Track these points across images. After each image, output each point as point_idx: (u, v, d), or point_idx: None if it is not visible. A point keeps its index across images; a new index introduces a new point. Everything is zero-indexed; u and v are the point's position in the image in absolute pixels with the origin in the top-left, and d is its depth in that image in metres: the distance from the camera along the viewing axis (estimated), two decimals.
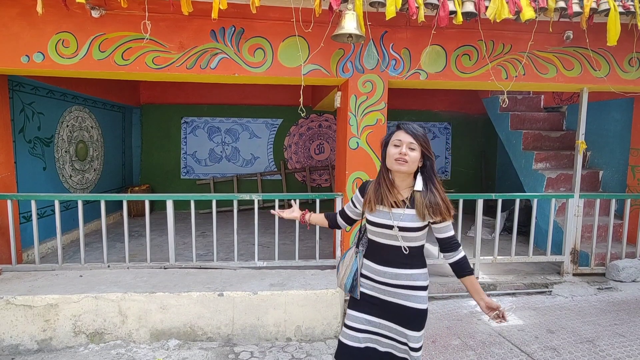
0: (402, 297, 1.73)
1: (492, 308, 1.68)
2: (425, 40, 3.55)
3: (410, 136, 1.67)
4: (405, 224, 1.69)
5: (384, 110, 3.68)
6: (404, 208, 1.71)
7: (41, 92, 4.66)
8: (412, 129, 1.68)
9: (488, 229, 5.76)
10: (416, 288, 1.73)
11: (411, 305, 1.72)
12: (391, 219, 1.70)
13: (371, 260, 1.80)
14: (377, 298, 1.77)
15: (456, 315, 3.49)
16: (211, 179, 7.46)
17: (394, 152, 1.69)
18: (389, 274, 1.73)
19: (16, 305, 2.87)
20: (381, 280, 1.75)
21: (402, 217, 1.69)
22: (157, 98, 7.35)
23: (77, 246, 4.09)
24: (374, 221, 1.74)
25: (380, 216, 1.73)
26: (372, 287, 1.79)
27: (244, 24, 3.43)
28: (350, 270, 1.85)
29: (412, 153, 1.67)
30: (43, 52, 3.28)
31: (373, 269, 1.78)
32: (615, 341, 3.05)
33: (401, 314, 1.73)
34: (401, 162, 1.67)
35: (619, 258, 4.31)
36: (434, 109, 7.92)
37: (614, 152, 5.02)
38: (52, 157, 4.90)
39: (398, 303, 1.73)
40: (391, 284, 1.74)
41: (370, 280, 1.80)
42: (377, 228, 1.74)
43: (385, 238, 1.74)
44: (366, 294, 1.81)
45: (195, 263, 3.67)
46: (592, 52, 3.78)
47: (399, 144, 1.68)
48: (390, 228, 1.70)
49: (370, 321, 1.79)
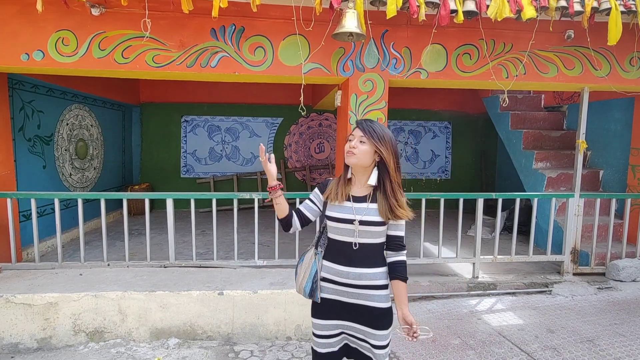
0: (365, 298, 1.71)
1: (407, 322, 1.65)
2: (426, 39, 3.54)
3: (360, 130, 1.70)
4: (368, 217, 1.68)
5: (384, 109, 3.68)
6: (367, 202, 1.71)
7: (41, 90, 4.65)
8: (364, 124, 1.71)
9: (488, 228, 5.76)
10: (378, 287, 1.71)
11: (375, 305, 1.70)
12: (353, 213, 1.69)
13: (332, 261, 1.76)
14: (340, 302, 1.74)
15: (456, 315, 3.49)
16: (211, 178, 7.46)
17: (345, 146, 1.73)
18: (353, 274, 1.70)
19: (16, 304, 2.86)
20: (344, 281, 1.71)
21: (366, 212, 1.69)
22: (157, 96, 7.34)
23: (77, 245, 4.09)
24: (336, 216, 1.72)
25: (343, 211, 1.71)
26: (333, 291, 1.75)
27: (245, 22, 3.42)
28: (309, 274, 1.79)
29: (361, 146, 1.68)
30: (43, 50, 3.28)
31: (335, 270, 1.74)
32: (616, 341, 3.05)
33: (366, 315, 1.71)
34: (350, 154, 1.69)
35: (619, 258, 4.31)
36: (434, 108, 7.92)
37: (615, 151, 5.02)
38: (52, 155, 4.90)
39: (361, 304, 1.71)
40: (355, 285, 1.70)
41: (332, 283, 1.75)
42: (339, 224, 1.71)
43: (347, 235, 1.70)
44: (328, 299, 1.76)
45: (195, 262, 3.66)
46: (593, 51, 3.78)
47: (352, 139, 1.72)
48: (352, 222, 1.68)
49: (338, 325, 1.77)
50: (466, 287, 3.93)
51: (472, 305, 3.70)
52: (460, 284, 3.94)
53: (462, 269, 4.23)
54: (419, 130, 8.02)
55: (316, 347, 1.81)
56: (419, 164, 8.05)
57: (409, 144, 8.01)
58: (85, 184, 5.74)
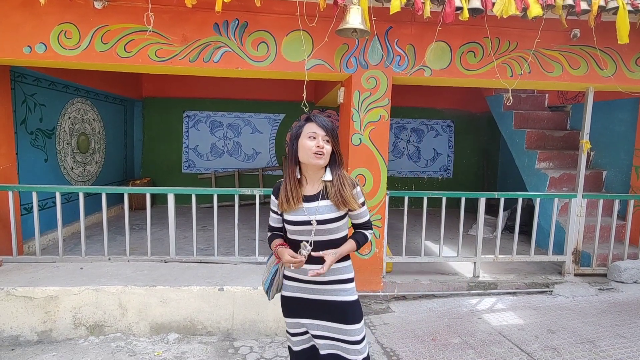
0: (330, 293, 1.71)
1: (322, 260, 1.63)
2: (431, 36, 3.51)
3: (323, 129, 1.66)
4: (323, 216, 1.66)
5: (387, 107, 3.66)
6: (317, 201, 1.68)
7: (43, 83, 4.64)
8: (323, 122, 1.67)
9: (489, 227, 5.75)
10: (343, 281, 1.72)
11: (341, 299, 1.71)
12: (306, 214, 1.66)
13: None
14: (306, 299, 1.74)
15: (456, 314, 3.48)
16: (212, 174, 7.45)
17: (310, 144, 1.64)
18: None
19: (16, 297, 2.87)
20: (308, 279, 1.70)
21: (318, 210, 1.67)
22: (160, 91, 7.33)
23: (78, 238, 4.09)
24: (293, 220, 1.69)
25: (297, 213, 1.68)
26: (298, 289, 1.75)
27: (248, 17, 3.40)
28: (270, 272, 1.82)
29: (327, 146, 1.66)
30: (45, 43, 3.26)
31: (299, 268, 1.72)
32: (616, 342, 3.04)
33: (334, 310, 1.71)
34: (319, 155, 1.64)
35: (621, 259, 4.29)
36: (437, 107, 7.89)
37: (618, 152, 4.99)
38: (53, 149, 4.90)
39: (327, 300, 1.71)
40: (319, 282, 1.70)
41: (296, 282, 1.75)
42: (297, 226, 1.69)
43: (305, 235, 1.69)
44: (293, 297, 1.76)
45: (196, 257, 3.66)
46: (599, 50, 3.74)
47: (315, 136, 1.65)
48: (309, 224, 1.67)
49: (305, 324, 1.77)
50: (467, 286, 3.93)
51: (473, 304, 3.70)
52: (461, 283, 3.93)
53: (463, 268, 4.22)
54: (421, 128, 8.00)
55: (292, 346, 1.85)
56: (421, 162, 8.03)
57: (411, 142, 7.99)
58: (87, 178, 5.74)
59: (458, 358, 2.79)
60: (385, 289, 3.81)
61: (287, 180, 1.72)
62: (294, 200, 1.67)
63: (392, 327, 3.23)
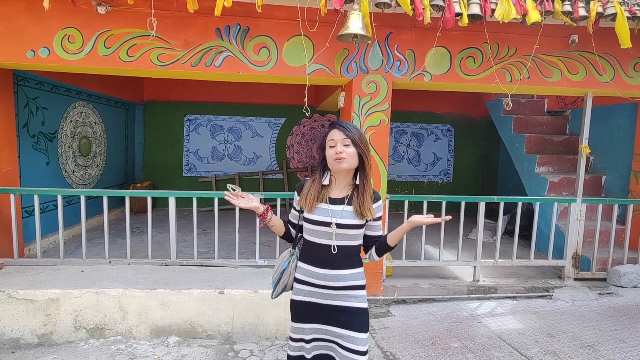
0: (342, 299, 1.69)
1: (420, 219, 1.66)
2: (430, 41, 3.54)
3: (341, 132, 1.65)
4: (344, 220, 1.66)
5: (387, 111, 3.68)
6: (343, 205, 1.69)
7: (45, 87, 4.67)
8: (343, 126, 1.67)
9: (489, 232, 5.76)
10: (356, 288, 1.71)
11: (352, 305, 1.69)
12: (329, 216, 1.67)
13: (309, 263, 1.74)
14: (316, 304, 1.72)
15: (456, 318, 3.48)
16: (213, 177, 7.47)
17: (331, 152, 1.67)
18: (330, 276, 1.69)
19: (17, 299, 2.88)
20: (321, 283, 1.70)
21: (342, 214, 1.67)
22: (161, 95, 7.36)
23: (79, 241, 4.10)
24: (313, 219, 1.69)
25: (319, 213, 1.69)
26: (309, 293, 1.73)
27: (249, 22, 3.43)
28: (278, 270, 1.82)
29: (347, 149, 1.65)
30: (49, 47, 3.29)
31: (311, 272, 1.72)
32: (616, 347, 3.04)
33: (343, 316, 1.70)
34: (339, 160, 1.64)
35: (621, 263, 4.30)
36: (437, 111, 7.92)
37: (618, 157, 5.01)
38: (55, 152, 4.92)
39: (338, 305, 1.70)
40: (332, 287, 1.69)
41: (308, 285, 1.73)
42: (316, 226, 1.69)
43: (323, 237, 1.69)
44: (304, 301, 1.74)
45: (197, 260, 3.67)
46: (597, 56, 3.77)
47: (334, 144, 1.66)
48: (329, 225, 1.67)
49: (315, 329, 1.74)
50: (467, 290, 3.93)
51: (473, 308, 3.70)
52: (461, 287, 3.94)
53: (463, 272, 4.23)
54: (421, 132, 8.02)
55: (290, 351, 1.81)
56: (421, 166, 8.05)
57: (411, 147, 8.01)
58: (88, 181, 5.76)
59: None
60: (385, 292, 3.82)
61: (312, 182, 1.76)
62: (311, 200, 1.70)
63: (392, 330, 3.23)
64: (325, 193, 1.72)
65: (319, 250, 1.71)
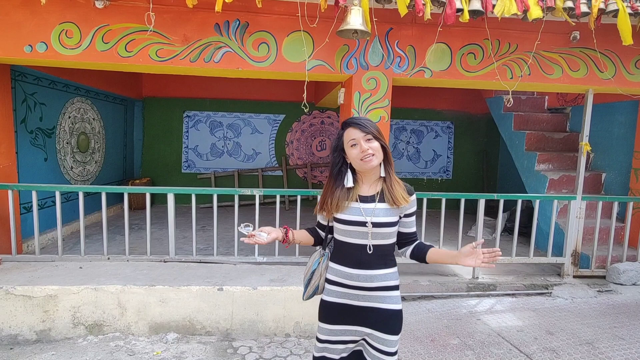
0: (376, 300, 1.64)
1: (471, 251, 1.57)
2: (431, 37, 3.52)
3: (360, 130, 1.59)
4: (379, 219, 1.61)
5: (387, 108, 3.66)
6: (375, 202, 1.63)
7: (43, 82, 4.64)
8: (359, 122, 1.61)
9: (489, 229, 5.75)
10: (390, 288, 1.65)
11: (387, 307, 1.64)
12: (363, 215, 1.61)
13: (341, 264, 1.67)
14: (349, 305, 1.66)
15: (455, 315, 3.48)
16: (212, 174, 7.45)
17: (355, 152, 1.60)
18: (364, 277, 1.63)
19: (15, 296, 2.87)
20: (354, 284, 1.64)
21: (375, 212, 1.61)
22: (160, 91, 7.33)
23: (77, 238, 4.09)
24: (345, 219, 1.63)
25: (351, 212, 1.62)
26: (342, 294, 1.67)
27: (249, 17, 3.40)
28: (309, 271, 1.75)
29: (371, 144, 1.59)
30: (46, 42, 3.27)
31: (344, 273, 1.66)
32: (615, 344, 3.04)
33: (377, 317, 1.64)
34: (368, 157, 1.58)
35: (620, 261, 4.30)
36: (437, 108, 7.90)
37: (618, 154, 5.00)
38: (53, 148, 4.89)
39: (372, 307, 1.64)
40: (366, 287, 1.63)
41: (340, 286, 1.67)
42: (348, 226, 1.63)
43: (357, 237, 1.63)
44: (336, 303, 1.68)
45: (195, 257, 3.66)
46: (599, 53, 3.76)
47: (355, 143, 1.60)
48: (364, 225, 1.61)
49: (345, 331, 1.68)
50: (466, 288, 3.93)
51: (472, 305, 3.70)
52: (460, 284, 3.94)
53: (462, 270, 4.23)
54: (421, 129, 8.01)
55: (315, 352, 1.74)
56: (420, 163, 8.04)
57: (410, 143, 7.99)
58: (86, 178, 5.74)
59: (457, 359, 2.79)
60: None
61: (325, 188, 1.70)
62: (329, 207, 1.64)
63: None
64: (354, 192, 1.65)
65: (353, 250, 1.64)
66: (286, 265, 3.61)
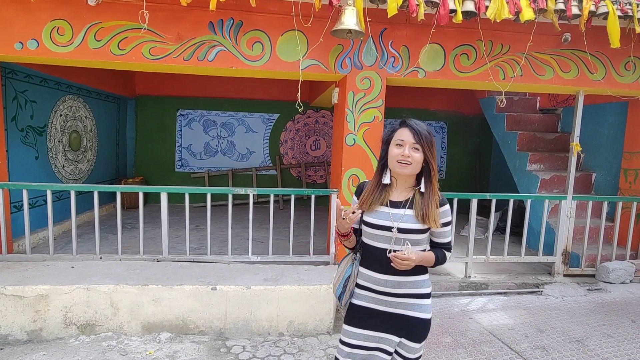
0: (406, 307, 1.61)
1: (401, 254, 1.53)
2: (425, 38, 3.54)
3: (413, 136, 1.55)
4: (406, 225, 1.58)
5: (381, 108, 3.68)
6: (404, 208, 1.60)
7: (35, 80, 4.58)
8: (416, 128, 1.57)
9: (481, 228, 5.80)
10: (421, 296, 1.63)
11: (416, 316, 1.61)
12: (391, 220, 1.59)
13: (369, 268, 1.66)
14: (377, 310, 1.64)
15: (448, 313, 3.51)
16: (206, 173, 7.42)
17: (396, 152, 1.58)
18: (391, 282, 1.61)
19: (6, 295, 2.84)
20: (382, 290, 1.62)
21: (404, 218, 1.59)
22: (153, 89, 7.28)
23: (69, 237, 4.05)
24: (373, 222, 1.62)
25: (379, 217, 1.61)
26: (370, 299, 1.65)
27: (243, 16, 3.40)
28: (342, 277, 1.72)
29: (415, 154, 1.56)
30: (37, 39, 3.23)
31: (372, 278, 1.64)
32: (604, 341, 3.09)
33: (404, 325, 1.62)
34: (404, 164, 1.56)
35: (609, 260, 4.37)
36: (430, 108, 7.94)
37: (608, 155, 5.07)
38: (44, 146, 4.84)
39: (401, 314, 1.61)
40: (394, 294, 1.61)
41: (369, 291, 1.65)
42: (375, 230, 1.61)
43: (382, 241, 1.61)
44: (364, 307, 1.66)
45: (189, 256, 3.65)
46: (589, 55, 3.80)
47: (402, 144, 1.57)
48: (390, 230, 1.59)
49: (370, 336, 1.65)
50: (458, 286, 3.96)
51: (464, 304, 3.73)
52: (453, 283, 3.97)
53: (455, 268, 4.26)
54: None
55: (339, 355, 1.71)
56: None
57: None
58: (78, 176, 5.68)
59: (449, 357, 2.82)
60: None
61: (372, 182, 1.68)
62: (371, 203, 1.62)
63: None
64: (386, 195, 1.63)
65: (380, 254, 1.61)
66: (280, 264, 3.61)
